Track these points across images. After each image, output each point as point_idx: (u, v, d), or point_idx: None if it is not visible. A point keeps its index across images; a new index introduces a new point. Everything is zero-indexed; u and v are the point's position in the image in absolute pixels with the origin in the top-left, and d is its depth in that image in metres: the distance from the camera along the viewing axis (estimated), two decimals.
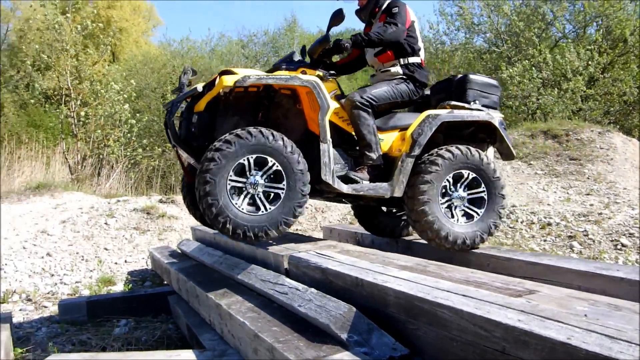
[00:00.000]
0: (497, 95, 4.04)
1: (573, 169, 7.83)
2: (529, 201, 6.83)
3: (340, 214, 7.16)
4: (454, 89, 3.97)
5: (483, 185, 3.77)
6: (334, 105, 3.66)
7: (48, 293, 5.74)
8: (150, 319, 4.62)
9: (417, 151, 3.67)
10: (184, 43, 20.07)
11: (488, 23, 14.76)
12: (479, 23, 15.12)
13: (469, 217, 3.77)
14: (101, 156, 12.73)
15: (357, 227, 5.05)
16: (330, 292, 2.69)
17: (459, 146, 3.73)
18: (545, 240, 5.72)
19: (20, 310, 5.21)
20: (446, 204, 3.70)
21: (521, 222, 6.22)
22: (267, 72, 3.73)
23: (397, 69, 4.00)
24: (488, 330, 1.71)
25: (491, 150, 4.18)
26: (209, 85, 3.42)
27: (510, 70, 12.58)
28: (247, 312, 2.91)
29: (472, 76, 3.96)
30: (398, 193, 3.67)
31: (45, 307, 5.31)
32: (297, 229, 6.86)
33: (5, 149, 13.93)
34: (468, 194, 3.75)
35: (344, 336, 2.23)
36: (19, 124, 19.14)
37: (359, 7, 4.19)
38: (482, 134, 4.03)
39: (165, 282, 5.25)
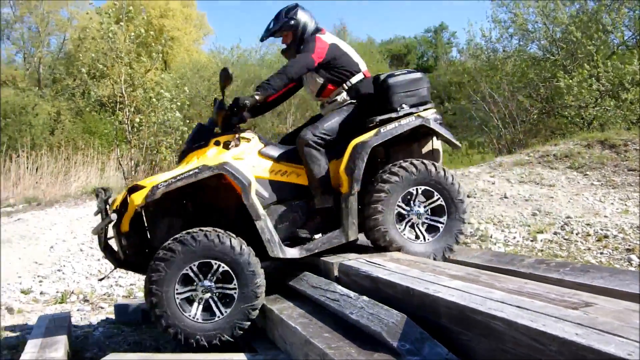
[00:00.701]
0: (425, 87, 3.78)
1: (632, 180, 7.59)
2: (585, 212, 6.67)
3: None
4: (378, 97, 3.77)
5: (437, 194, 3.63)
6: (261, 164, 3.60)
7: (104, 294, 5.92)
8: None
9: (356, 187, 3.51)
10: (234, 51, 20.36)
11: (543, 30, 14.43)
12: (534, 30, 14.80)
13: (431, 231, 3.67)
14: (154, 162, 13.03)
15: None
16: (381, 300, 2.68)
17: (403, 164, 3.59)
18: (601, 253, 5.57)
19: (78, 310, 5.39)
20: (405, 224, 3.62)
21: (576, 234, 6.07)
22: (179, 156, 3.68)
23: (344, 96, 3.87)
24: (543, 343, 1.68)
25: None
26: (123, 205, 3.34)
27: (570, 81, 12.20)
28: (299, 318, 2.95)
29: (391, 80, 3.70)
30: (353, 236, 3.57)
31: (102, 308, 5.49)
32: None
33: (62, 154, 14.41)
34: (425, 210, 3.65)
35: (396, 344, 2.21)
36: (75, 130, 19.76)
37: (285, 47, 4.02)
38: (423, 129, 3.77)
39: None
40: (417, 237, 3.65)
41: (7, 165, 13.87)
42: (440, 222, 3.67)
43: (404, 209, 3.60)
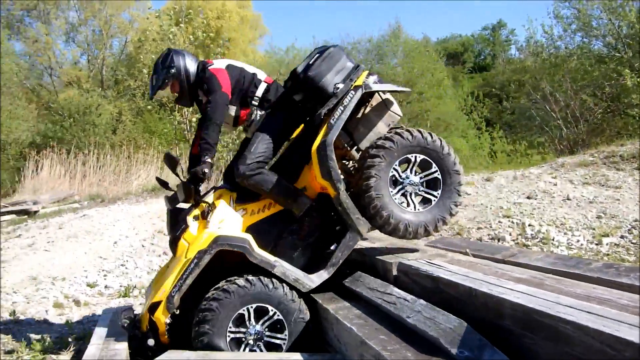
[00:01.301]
0: (343, 56, 3.58)
1: None
2: None
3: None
4: (307, 93, 3.56)
5: (434, 164, 3.45)
6: (244, 212, 3.55)
7: None
8: None
9: (341, 186, 3.35)
10: (290, 51, 20.49)
11: (608, 26, 13.91)
12: (598, 26, 14.28)
13: (426, 202, 3.50)
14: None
15: (461, 240, 4.93)
16: (441, 301, 2.65)
17: (397, 131, 3.44)
18: None
19: (140, 304, 5.52)
20: (399, 193, 3.44)
21: None
22: (171, 246, 3.61)
23: (258, 113, 3.78)
24: (617, 349, 1.62)
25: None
26: (151, 325, 3.29)
27: (637, 79, 11.71)
28: (355, 319, 2.92)
29: (312, 72, 3.49)
30: (365, 229, 3.42)
31: None
32: None
33: (123, 153, 14.84)
34: (420, 180, 3.47)
35: (454, 351, 2.16)
36: (135, 130, 20.34)
37: (177, 96, 3.92)
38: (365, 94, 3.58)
39: None
40: (408, 204, 3.49)
41: (72, 163, 14.41)
42: (434, 195, 3.50)
43: (398, 177, 3.45)
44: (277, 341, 3.23)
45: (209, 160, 3.49)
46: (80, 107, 20.39)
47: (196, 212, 3.51)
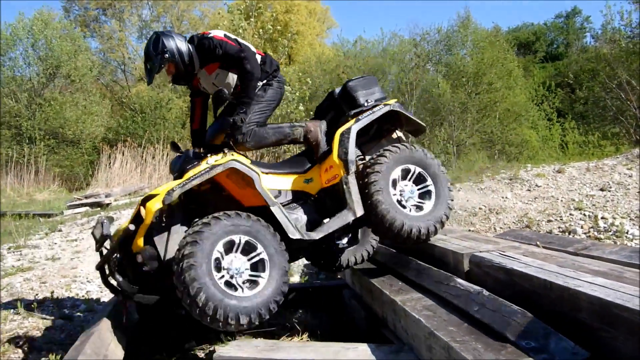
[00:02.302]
0: (378, 86, 4.04)
1: None
2: None
3: (516, 216, 6.86)
4: (341, 102, 3.95)
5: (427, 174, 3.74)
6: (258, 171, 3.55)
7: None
8: (325, 311, 4.77)
9: (352, 168, 3.62)
10: (357, 43, 20.37)
11: None
12: None
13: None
14: (277, 154, 13.39)
15: (531, 233, 4.77)
16: (515, 294, 2.63)
17: (389, 148, 3.72)
18: None
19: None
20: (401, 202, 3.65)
21: None
22: (175, 178, 3.56)
23: None
24: None
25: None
26: (137, 220, 3.25)
27: None
28: (422, 310, 2.92)
29: (351, 83, 3.95)
30: (360, 211, 3.58)
31: None
32: (470, 230, 6.70)
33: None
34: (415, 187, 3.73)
35: (520, 343, 2.18)
36: (209, 123, 20.76)
37: (172, 77, 3.93)
38: (386, 126, 4.02)
39: (339, 276, 5.40)
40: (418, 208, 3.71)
41: (143, 156, 14.87)
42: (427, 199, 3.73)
43: (397, 189, 3.69)
44: (257, 278, 3.13)
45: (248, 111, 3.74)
46: (152, 102, 21.05)
47: (211, 155, 3.58)
